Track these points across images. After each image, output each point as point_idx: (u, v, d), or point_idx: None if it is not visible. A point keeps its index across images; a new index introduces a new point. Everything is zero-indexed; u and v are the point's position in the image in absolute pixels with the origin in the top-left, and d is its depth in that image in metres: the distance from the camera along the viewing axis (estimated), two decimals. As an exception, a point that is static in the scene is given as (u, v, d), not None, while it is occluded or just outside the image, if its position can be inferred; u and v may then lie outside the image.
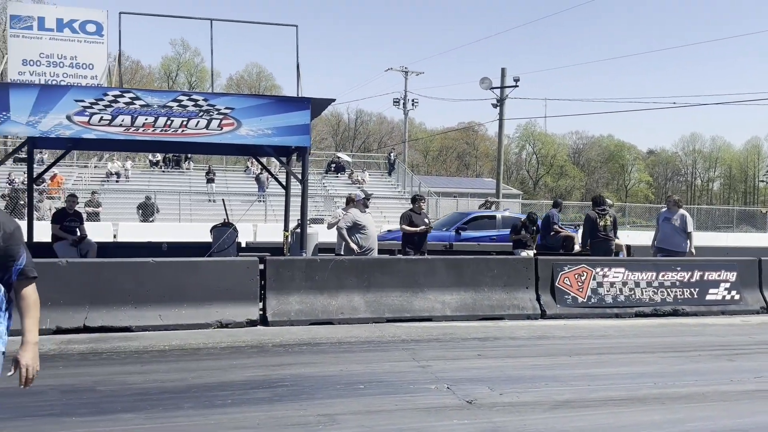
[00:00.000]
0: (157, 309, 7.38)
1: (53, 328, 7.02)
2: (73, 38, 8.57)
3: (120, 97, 7.77)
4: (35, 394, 4.93)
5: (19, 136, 8.59)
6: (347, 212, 9.43)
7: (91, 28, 8.67)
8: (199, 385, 5.28)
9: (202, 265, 7.63)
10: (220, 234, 9.75)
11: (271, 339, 7.06)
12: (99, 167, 30.63)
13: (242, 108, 8.21)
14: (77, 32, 8.59)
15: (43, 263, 7.22)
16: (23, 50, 8.39)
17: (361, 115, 73.32)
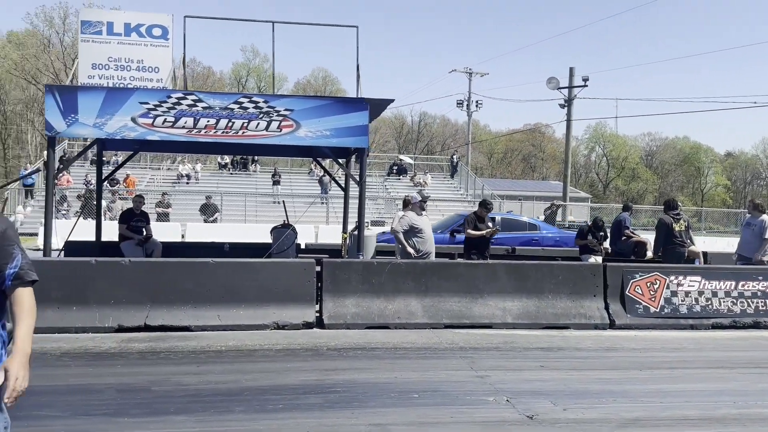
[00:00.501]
0: (215, 309, 7.42)
1: (115, 327, 7.16)
2: (139, 42, 8.79)
3: (183, 99, 7.88)
4: (92, 393, 5.01)
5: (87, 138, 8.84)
6: (404, 215, 9.25)
7: (157, 32, 8.87)
8: (253, 387, 5.22)
9: (260, 266, 7.62)
10: (279, 235, 9.77)
11: (326, 342, 6.96)
12: (171, 169, 31.70)
13: (301, 109, 8.18)
14: (144, 36, 8.81)
15: (107, 262, 7.41)
16: (93, 54, 8.66)
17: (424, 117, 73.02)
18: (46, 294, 7.07)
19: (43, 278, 7.02)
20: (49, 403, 4.79)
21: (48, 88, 7.76)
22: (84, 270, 7.27)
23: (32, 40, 50.48)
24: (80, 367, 5.79)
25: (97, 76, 8.64)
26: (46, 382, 5.27)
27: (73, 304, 7.14)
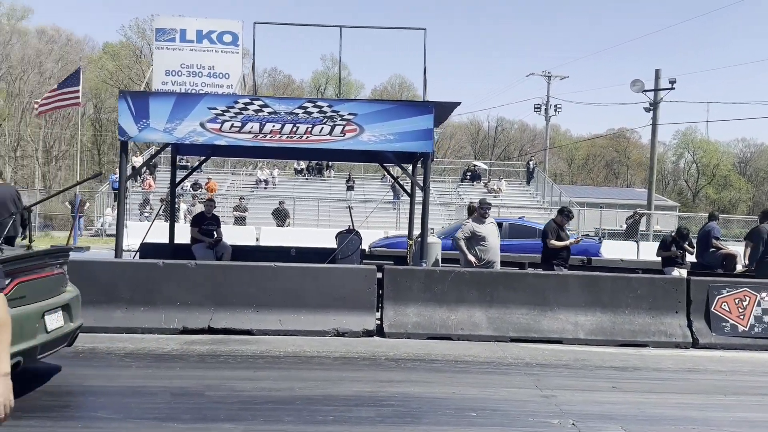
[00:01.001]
0: (277, 313, 7.40)
1: (180, 328, 7.27)
2: (210, 49, 8.96)
3: (249, 104, 7.95)
4: (147, 395, 5.04)
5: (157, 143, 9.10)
6: (466, 222, 8.95)
7: (228, 39, 9.01)
8: (305, 396, 5.10)
9: (321, 271, 7.54)
10: (344, 241, 9.70)
11: (385, 352, 6.77)
12: (250, 175, 32.59)
13: (365, 113, 8.07)
14: (215, 43, 8.97)
15: (174, 264, 7.54)
16: (166, 61, 8.91)
17: (501, 122, 71.68)
18: (116, 294, 7.29)
19: (113, 279, 7.18)
20: (106, 405, 4.86)
21: (121, 94, 8.03)
22: (152, 272, 7.43)
23: (125, 51, 53.47)
24: (141, 368, 5.87)
25: (170, 82, 8.88)
26: (106, 383, 5.38)
27: (140, 305, 7.31)
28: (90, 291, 7.22)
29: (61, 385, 5.23)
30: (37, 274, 4.96)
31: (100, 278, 7.30)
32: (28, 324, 4.63)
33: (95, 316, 7.21)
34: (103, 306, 7.25)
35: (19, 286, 4.65)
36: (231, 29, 9.07)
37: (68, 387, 5.20)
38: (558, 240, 9.07)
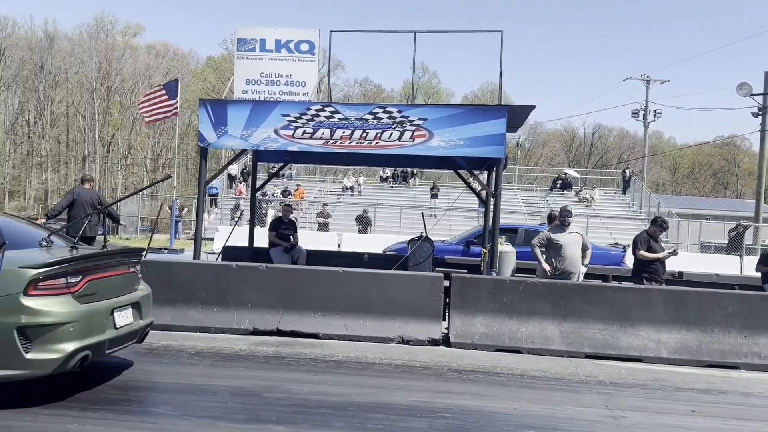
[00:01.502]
0: (343, 318, 7.41)
1: (250, 329, 7.44)
2: (288, 57, 9.18)
3: (321, 111, 8.06)
4: (207, 394, 5.16)
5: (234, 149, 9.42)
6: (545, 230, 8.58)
7: (305, 47, 9.20)
8: (359, 403, 5.05)
9: (387, 278, 7.49)
10: (417, 248, 9.61)
11: (448, 362, 6.60)
12: (336, 182, 33.23)
13: (435, 118, 7.96)
14: (292, 52, 9.19)
15: (246, 267, 7.74)
16: (247, 70, 9.22)
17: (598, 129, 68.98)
18: (192, 294, 7.57)
19: (189, 280, 7.44)
20: (167, 401, 5.03)
21: (201, 102, 8.38)
22: (225, 273, 7.66)
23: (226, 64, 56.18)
24: (207, 367, 6.03)
25: (250, 91, 9.18)
26: (171, 380, 5.57)
27: (214, 306, 7.55)
28: (168, 290, 7.58)
29: (129, 380, 5.46)
30: (108, 272, 5.21)
31: (178, 278, 7.62)
32: (97, 320, 4.87)
33: (172, 315, 7.53)
34: (179, 305, 7.55)
35: (89, 283, 4.90)
36: (308, 38, 9.25)
37: (135, 382, 5.42)
38: (649, 251, 8.47)
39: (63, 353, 4.52)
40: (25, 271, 4.46)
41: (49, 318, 4.49)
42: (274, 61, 9.16)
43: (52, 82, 57.50)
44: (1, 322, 4.36)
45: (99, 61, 57.59)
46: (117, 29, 66.69)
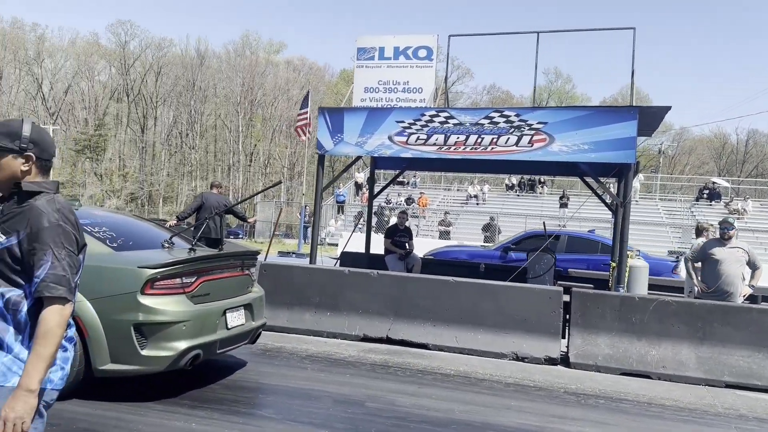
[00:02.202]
0: (453, 330, 7.17)
1: (361, 336, 7.41)
2: (406, 64, 9.12)
3: (435, 116, 7.89)
4: (311, 399, 5.15)
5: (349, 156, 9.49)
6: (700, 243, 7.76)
7: (422, 53, 9.09)
8: (462, 421, 4.79)
9: (500, 289, 7.13)
10: (536, 260, 9.12)
11: (565, 384, 6.12)
12: (461, 190, 32.89)
13: (556, 122, 7.48)
14: (410, 58, 9.11)
15: (358, 273, 7.73)
16: (365, 79, 9.27)
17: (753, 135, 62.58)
18: (307, 298, 7.70)
19: (304, 284, 7.57)
20: (271, 404, 5.08)
21: (320, 111, 8.53)
22: (339, 279, 7.70)
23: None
24: (315, 371, 6.06)
25: (368, 98, 9.22)
26: (278, 382, 5.63)
27: (327, 310, 7.61)
28: (285, 293, 7.76)
29: (240, 380, 5.60)
30: (222, 274, 5.38)
31: (294, 282, 7.78)
32: (209, 320, 5.03)
33: (288, 317, 7.70)
34: (295, 308, 7.70)
35: (203, 284, 5.08)
36: (426, 44, 9.13)
37: (245, 382, 5.54)
38: None
39: (175, 351, 4.70)
40: (142, 270, 4.70)
41: (163, 316, 4.69)
42: (392, 69, 9.14)
43: (202, 97, 62.45)
44: (120, 319, 4.61)
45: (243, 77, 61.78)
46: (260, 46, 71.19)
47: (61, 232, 2.08)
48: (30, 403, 1.96)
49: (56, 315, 2.01)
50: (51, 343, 1.99)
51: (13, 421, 1.92)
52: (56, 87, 62.10)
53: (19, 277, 2.07)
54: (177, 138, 63.13)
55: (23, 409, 1.94)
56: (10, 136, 2.14)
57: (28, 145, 2.14)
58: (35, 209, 2.09)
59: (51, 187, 2.19)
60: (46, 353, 1.98)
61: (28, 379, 1.96)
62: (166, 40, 65.69)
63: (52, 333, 1.99)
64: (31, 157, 2.15)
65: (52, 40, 65.08)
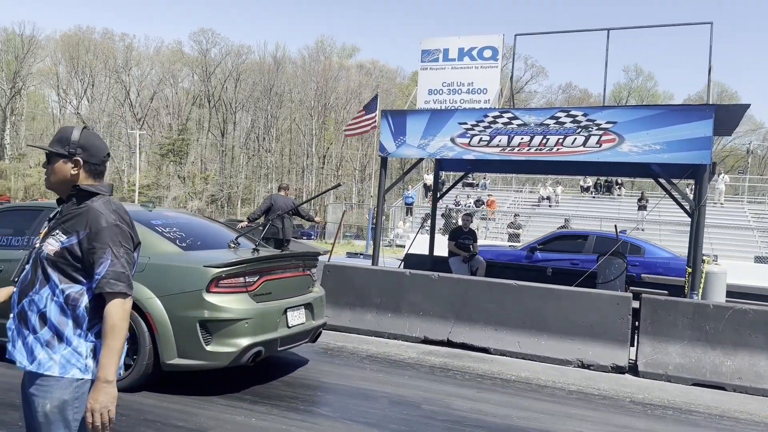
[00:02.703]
0: (516, 335, 7.05)
1: (421, 338, 7.42)
2: (470, 65, 9.04)
3: (499, 117, 7.78)
4: (368, 399, 5.21)
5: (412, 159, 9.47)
6: None
7: (488, 54, 8.99)
8: (518, 427, 4.71)
9: (564, 294, 6.94)
10: (606, 264, 8.81)
11: (632, 393, 5.90)
12: (534, 192, 32.22)
13: (626, 121, 7.20)
14: (475, 59, 9.03)
15: (419, 275, 7.74)
16: (430, 81, 9.26)
17: None
18: (369, 299, 7.78)
19: (366, 285, 7.68)
20: (328, 402, 5.18)
21: (383, 113, 8.59)
22: (400, 280, 7.74)
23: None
24: (373, 372, 6.11)
25: (432, 101, 9.21)
26: (337, 381, 5.73)
27: (388, 311, 7.67)
28: (348, 294, 7.88)
29: (300, 377, 5.73)
30: (284, 273, 5.53)
31: (357, 283, 7.88)
32: (270, 318, 5.18)
33: (351, 318, 7.81)
34: (357, 309, 7.80)
35: (265, 283, 5.24)
36: (491, 44, 9.03)
37: (305, 380, 5.67)
38: None
39: (238, 347, 4.87)
40: (208, 269, 4.89)
41: (227, 314, 4.87)
42: (456, 70, 9.08)
43: (278, 102, 64.21)
44: (186, 316, 4.82)
45: (317, 82, 63.08)
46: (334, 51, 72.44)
47: (118, 231, 2.20)
48: (111, 392, 2.10)
49: (119, 309, 2.14)
50: (119, 336, 2.14)
51: (100, 411, 2.07)
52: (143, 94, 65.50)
53: (79, 275, 2.20)
54: (254, 142, 65.15)
55: (106, 399, 2.09)
56: (61, 141, 2.30)
57: (76, 150, 2.28)
58: (93, 210, 2.21)
59: (106, 190, 2.33)
60: (117, 345, 2.13)
61: (105, 371, 2.10)
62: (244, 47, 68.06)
63: (118, 327, 2.14)
64: (78, 161, 2.28)
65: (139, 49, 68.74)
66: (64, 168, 2.29)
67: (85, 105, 65.84)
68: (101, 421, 2.09)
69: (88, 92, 65.57)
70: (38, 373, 2.15)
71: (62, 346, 2.17)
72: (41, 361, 2.15)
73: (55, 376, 2.14)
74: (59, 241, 2.20)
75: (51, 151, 2.29)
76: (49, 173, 2.31)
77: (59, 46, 65.30)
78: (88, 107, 65.54)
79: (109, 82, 65.48)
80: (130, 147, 60.14)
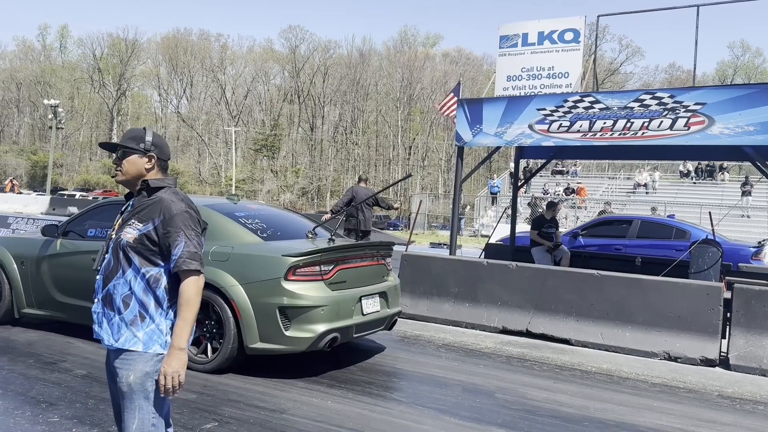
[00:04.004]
0: (598, 326, 6.86)
1: (500, 328, 7.37)
2: (551, 49, 8.80)
3: (579, 102, 7.54)
4: (441, 386, 5.27)
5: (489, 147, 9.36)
6: None
7: (569, 37, 8.71)
8: (596, 419, 4.62)
9: (649, 284, 6.66)
10: (700, 253, 8.35)
11: (721, 387, 5.61)
12: (630, 178, 30.87)
13: (716, 102, 6.77)
14: (555, 42, 8.78)
15: (496, 264, 7.69)
16: (508, 67, 9.10)
17: None
18: (446, 289, 7.82)
19: (443, 274, 7.73)
20: (402, 388, 5.29)
21: (459, 103, 8.53)
22: (477, 270, 7.72)
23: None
24: (449, 360, 6.16)
25: (510, 87, 9.05)
26: (412, 368, 5.82)
27: (465, 301, 7.67)
28: (425, 283, 7.96)
29: (376, 363, 5.87)
30: (358, 263, 5.68)
31: (434, 272, 7.93)
32: (345, 305, 5.35)
33: (428, 307, 7.88)
34: (434, 298, 7.86)
35: (340, 272, 5.42)
36: (572, 26, 8.75)
37: (380, 366, 5.80)
38: None
39: (315, 333, 5.07)
40: (286, 258, 5.12)
41: (304, 301, 5.08)
42: (536, 54, 8.86)
43: (364, 95, 65.03)
44: (267, 302, 5.07)
45: (402, 73, 63.30)
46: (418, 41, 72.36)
47: (188, 217, 2.44)
48: (182, 359, 2.34)
49: (193, 285, 2.38)
50: (192, 309, 2.38)
51: (171, 375, 2.31)
52: (237, 92, 68.33)
53: (157, 258, 2.44)
54: (342, 135, 66.40)
55: (178, 364, 2.32)
56: (135, 140, 2.55)
57: (150, 147, 2.55)
58: (165, 200, 2.46)
59: (172, 182, 2.58)
60: (190, 317, 2.37)
61: (178, 339, 2.35)
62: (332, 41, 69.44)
63: (192, 301, 2.38)
64: (153, 156, 2.55)
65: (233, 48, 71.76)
66: (138, 163, 2.54)
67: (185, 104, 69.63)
68: (171, 384, 2.32)
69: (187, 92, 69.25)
70: (123, 349, 2.40)
71: (146, 324, 2.41)
72: (126, 338, 2.39)
73: (138, 351, 2.38)
74: (136, 229, 2.43)
75: (130, 147, 2.53)
76: (122, 168, 2.54)
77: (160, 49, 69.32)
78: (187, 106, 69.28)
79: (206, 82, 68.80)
80: (226, 143, 63.00)
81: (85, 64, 71.04)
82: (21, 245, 6.55)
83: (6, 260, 6.45)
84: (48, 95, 58.94)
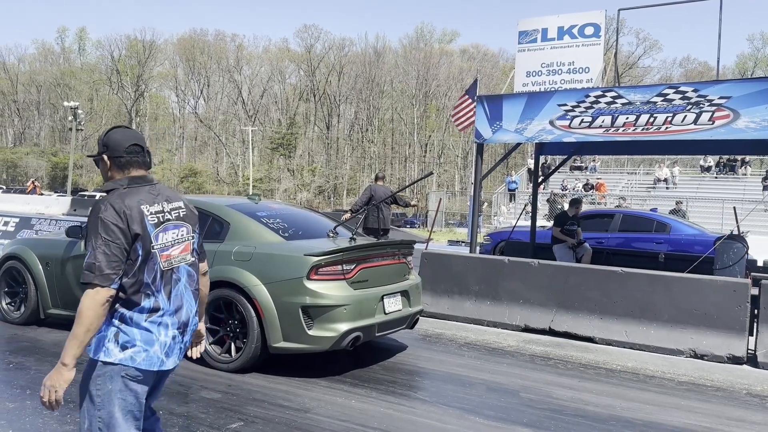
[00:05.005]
0: (622, 324, 6.78)
1: (522, 326, 7.32)
2: (571, 44, 8.72)
3: (601, 97, 7.45)
4: (464, 385, 5.25)
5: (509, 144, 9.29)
6: None
7: (589, 31, 8.62)
8: (622, 418, 4.56)
9: (674, 281, 6.57)
10: (725, 249, 8.22)
11: (749, 385, 5.52)
12: (650, 173, 30.49)
13: (741, 96, 6.65)
14: (575, 37, 8.69)
15: (518, 262, 7.63)
16: (527, 63, 9.03)
17: None
18: (467, 287, 7.79)
19: (464, 272, 7.70)
20: (425, 387, 5.27)
21: (479, 99, 8.47)
22: (498, 268, 7.67)
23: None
24: (471, 359, 6.13)
25: (530, 83, 8.99)
26: (435, 367, 5.80)
27: (486, 299, 7.63)
28: (446, 281, 7.93)
29: (398, 362, 5.86)
30: (380, 261, 5.67)
31: (454, 270, 7.90)
32: (367, 304, 5.33)
33: (449, 305, 7.85)
34: (455, 296, 7.82)
35: (362, 271, 5.40)
36: (593, 21, 8.66)
37: (403, 365, 5.79)
38: None
39: (337, 332, 5.07)
40: (308, 258, 5.12)
41: (326, 300, 5.08)
42: (556, 50, 8.78)
43: (379, 93, 64.97)
44: (290, 302, 5.07)
45: (418, 70, 63.13)
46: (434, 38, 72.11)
47: (99, 223, 2.21)
48: (64, 375, 2.17)
49: (87, 299, 2.17)
50: (81, 323, 2.16)
51: (48, 388, 2.17)
52: (253, 92, 68.65)
53: None
54: (357, 133, 66.44)
55: (56, 378, 2.17)
56: (98, 144, 2.48)
57: (102, 149, 2.44)
58: (94, 207, 2.29)
59: (121, 184, 2.38)
60: (79, 332, 2.16)
61: (63, 354, 2.18)
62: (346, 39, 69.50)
63: (81, 315, 2.16)
64: (102, 158, 2.44)
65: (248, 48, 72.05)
66: (101, 168, 2.47)
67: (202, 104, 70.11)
68: (48, 398, 2.18)
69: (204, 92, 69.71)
70: None
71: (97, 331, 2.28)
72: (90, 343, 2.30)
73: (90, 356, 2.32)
74: None
75: (90, 155, 2.53)
76: None
77: (176, 50, 69.84)
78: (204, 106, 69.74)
79: (223, 82, 69.21)
80: (243, 143, 63.34)
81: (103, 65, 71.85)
82: (45, 246, 6.63)
83: (31, 261, 6.54)
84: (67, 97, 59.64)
